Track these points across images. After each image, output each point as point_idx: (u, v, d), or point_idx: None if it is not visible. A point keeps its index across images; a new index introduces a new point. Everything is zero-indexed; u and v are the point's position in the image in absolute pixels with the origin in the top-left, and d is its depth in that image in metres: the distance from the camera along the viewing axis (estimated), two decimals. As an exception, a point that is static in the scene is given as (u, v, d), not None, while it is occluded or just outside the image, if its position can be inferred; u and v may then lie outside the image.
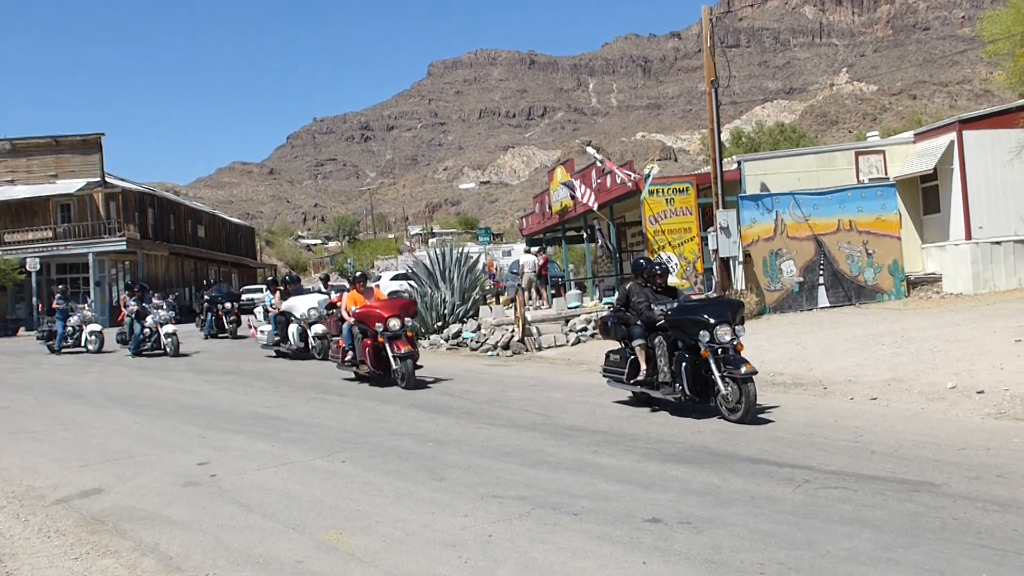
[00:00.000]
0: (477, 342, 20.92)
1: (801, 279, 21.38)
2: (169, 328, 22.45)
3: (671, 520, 6.27)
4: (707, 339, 9.93)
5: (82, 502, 7.69)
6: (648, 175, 22.71)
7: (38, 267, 41.27)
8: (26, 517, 7.33)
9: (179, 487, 8.06)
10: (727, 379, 9.84)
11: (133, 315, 22.95)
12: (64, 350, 24.84)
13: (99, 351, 23.99)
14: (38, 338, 26.55)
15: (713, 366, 9.91)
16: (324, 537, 6.26)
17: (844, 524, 6.02)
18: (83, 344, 24.67)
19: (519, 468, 8.21)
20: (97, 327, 24.90)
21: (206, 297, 29.71)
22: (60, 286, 30.67)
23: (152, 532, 6.64)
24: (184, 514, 7.10)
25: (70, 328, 24.89)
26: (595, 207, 24.20)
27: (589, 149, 30.44)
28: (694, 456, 8.38)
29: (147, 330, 22.58)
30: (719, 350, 9.93)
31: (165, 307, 23.09)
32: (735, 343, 10.01)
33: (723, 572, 5.21)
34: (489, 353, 20.06)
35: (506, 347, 20.08)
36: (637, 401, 11.52)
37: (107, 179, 47.09)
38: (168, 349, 22.18)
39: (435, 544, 6.00)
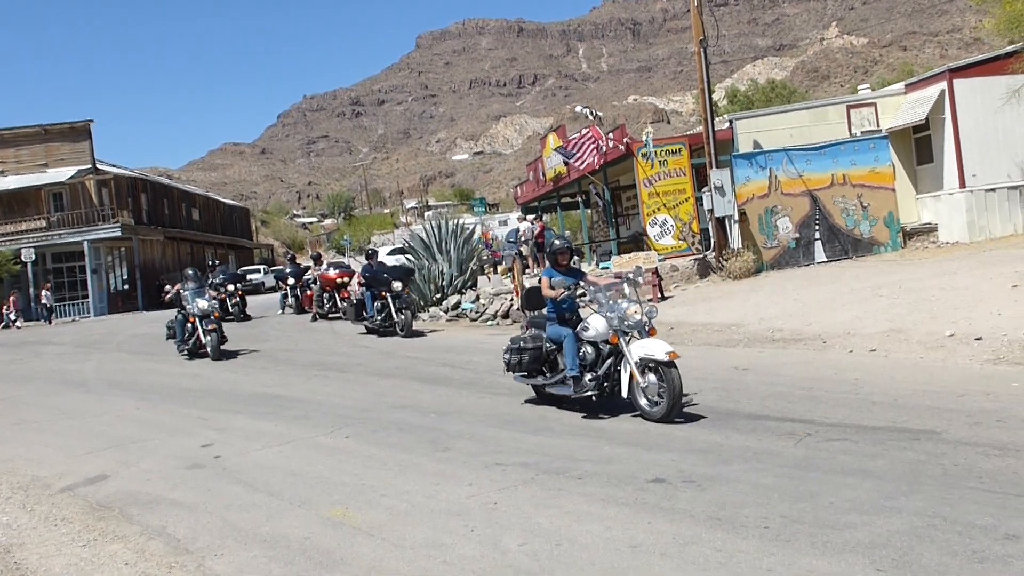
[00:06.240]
0: (476, 312, 20.92)
1: (797, 235, 21.36)
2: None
3: (675, 479, 6.30)
4: None
5: (87, 489, 7.72)
6: (647, 139, 22.65)
7: (33, 257, 41.24)
8: (32, 507, 7.36)
9: (184, 470, 8.10)
10: None
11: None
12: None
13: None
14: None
15: None
16: (330, 513, 6.29)
17: (846, 475, 6.06)
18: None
19: (522, 435, 8.24)
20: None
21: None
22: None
23: (159, 515, 6.67)
24: (190, 496, 7.13)
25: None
26: (598, 166, 23.93)
27: (579, 108, 30.41)
28: (696, 415, 8.41)
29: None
30: None
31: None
32: None
33: (728, 528, 5.24)
34: (489, 323, 20.05)
35: (505, 316, 20.06)
36: None
37: (98, 166, 46.81)
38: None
39: (441, 514, 6.03)
